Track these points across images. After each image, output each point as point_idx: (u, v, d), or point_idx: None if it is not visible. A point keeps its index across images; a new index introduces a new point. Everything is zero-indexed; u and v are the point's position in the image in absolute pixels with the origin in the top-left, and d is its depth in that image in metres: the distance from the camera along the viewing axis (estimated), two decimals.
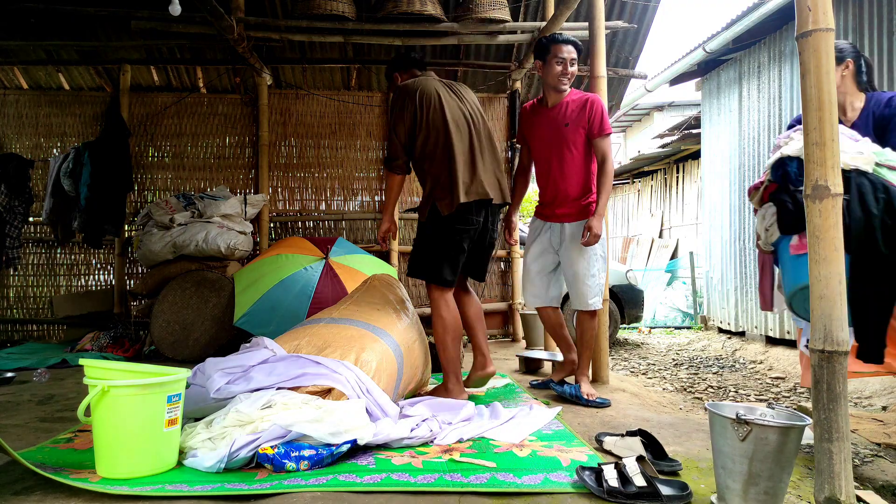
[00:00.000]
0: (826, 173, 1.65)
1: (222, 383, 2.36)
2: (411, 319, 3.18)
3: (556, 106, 3.27)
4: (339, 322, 2.85)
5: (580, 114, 3.20)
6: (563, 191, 3.27)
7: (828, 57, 1.67)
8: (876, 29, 4.65)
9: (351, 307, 3.07)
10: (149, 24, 4.67)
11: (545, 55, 3.24)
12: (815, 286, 1.67)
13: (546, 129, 3.29)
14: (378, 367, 2.57)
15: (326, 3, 4.51)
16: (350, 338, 2.67)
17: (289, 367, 2.40)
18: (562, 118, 3.24)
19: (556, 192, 3.30)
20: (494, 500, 1.88)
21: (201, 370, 2.48)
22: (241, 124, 5.76)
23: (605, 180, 3.16)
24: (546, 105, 3.33)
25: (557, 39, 3.21)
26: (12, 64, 5.56)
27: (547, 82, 3.28)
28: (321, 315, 3.07)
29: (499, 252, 5.76)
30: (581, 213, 3.27)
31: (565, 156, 3.24)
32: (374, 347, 2.66)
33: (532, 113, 3.41)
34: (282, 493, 1.88)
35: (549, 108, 3.31)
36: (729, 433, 1.77)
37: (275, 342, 2.67)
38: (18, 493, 1.90)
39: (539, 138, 3.34)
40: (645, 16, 5.52)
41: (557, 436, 2.50)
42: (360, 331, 2.76)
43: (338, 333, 2.71)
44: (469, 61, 5.81)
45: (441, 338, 3.06)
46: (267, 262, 4.69)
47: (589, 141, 3.22)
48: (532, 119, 3.39)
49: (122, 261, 5.58)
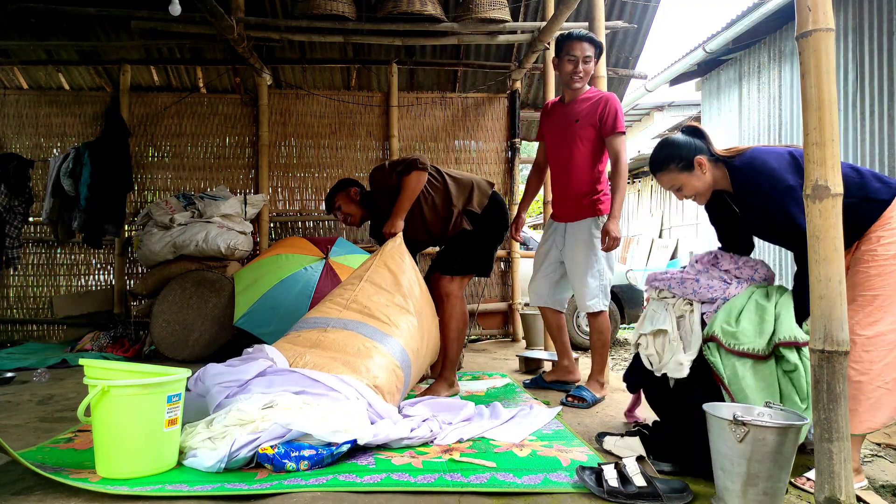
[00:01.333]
0: (826, 173, 1.65)
1: (221, 398, 2.33)
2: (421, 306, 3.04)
3: (570, 103, 3.27)
4: (346, 327, 2.78)
5: (592, 111, 3.16)
6: (569, 188, 3.26)
7: (828, 57, 1.67)
8: (876, 29, 4.65)
9: (360, 298, 2.92)
10: (149, 23, 4.67)
11: (559, 52, 3.24)
12: (815, 286, 1.67)
13: (558, 126, 3.30)
14: (384, 385, 2.56)
15: (326, 3, 4.51)
16: (357, 352, 2.64)
17: (286, 383, 2.38)
18: (573, 115, 3.22)
19: (563, 189, 3.30)
20: (494, 500, 1.88)
21: (201, 379, 2.46)
22: (241, 124, 5.75)
23: (620, 181, 3.11)
24: (563, 102, 3.33)
25: (571, 36, 3.19)
26: (12, 64, 5.56)
27: (561, 79, 3.29)
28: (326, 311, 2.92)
29: (499, 252, 5.76)
30: (583, 212, 3.23)
31: (573, 152, 3.22)
32: (381, 364, 2.63)
33: (550, 110, 3.41)
34: (282, 493, 1.89)
35: (564, 106, 3.31)
36: (726, 434, 1.77)
37: (276, 350, 2.62)
38: (18, 493, 1.90)
39: (552, 135, 3.34)
40: (645, 16, 5.52)
41: (557, 436, 2.50)
42: (366, 343, 2.70)
43: (344, 346, 2.66)
44: (469, 61, 5.81)
45: (457, 335, 3.20)
46: (267, 262, 4.69)
47: (600, 139, 3.18)
48: (549, 116, 3.40)
49: (122, 261, 5.58)
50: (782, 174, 2.07)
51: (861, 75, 4.76)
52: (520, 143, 5.92)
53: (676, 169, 2.27)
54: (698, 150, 2.26)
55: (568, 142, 3.23)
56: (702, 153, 2.25)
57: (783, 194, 2.05)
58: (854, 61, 4.83)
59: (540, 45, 4.73)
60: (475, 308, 5.70)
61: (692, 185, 2.28)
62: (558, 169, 3.32)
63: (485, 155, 5.92)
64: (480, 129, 5.91)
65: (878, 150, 4.58)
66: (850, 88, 4.86)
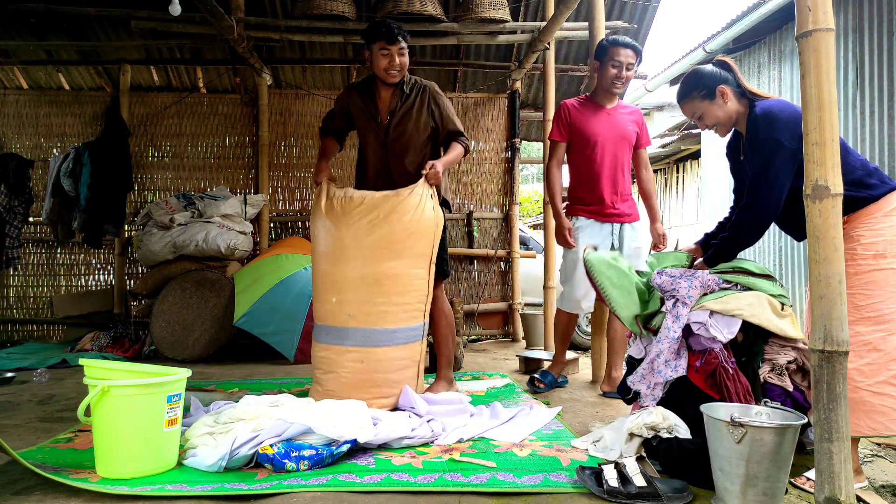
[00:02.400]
0: (826, 173, 1.65)
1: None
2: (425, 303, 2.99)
3: (613, 109, 3.38)
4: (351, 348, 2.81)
5: (632, 121, 3.40)
6: (620, 188, 3.38)
7: (828, 57, 1.67)
8: (876, 29, 4.64)
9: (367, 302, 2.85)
10: (149, 24, 4.67)
11: (603, 57, 3.28)
12: (815, 286, 1.67)
13: (605, 127, 3.33)
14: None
15: (326, 3, 4.51)
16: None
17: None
18: (622, 121, 3.37)
19: (613, 189, 3.36)
20: (494, 500, 1.88)
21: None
22: (241, 124, 5.75)
23: (653, 187, 3.54)
24: (601, 105, 3.37)
25: (617, 42, 3.26)
26: (12, 64, 5.56)
27: (601, 83, 3.33)
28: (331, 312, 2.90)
29: (499, 252, 5.76)
30: (637, 212, 3.45)
31: (626, 155, 3.40)
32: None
33: (582, 109, 3.38)
34: (282, 493, 1.89)
35: (606, 109, 3.37)
36: (724, 436, 1.77)
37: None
38: (18, 493, 1.90)
39: (601, 134, 3.33)
40: (645, 16, 5.52)
41: (557, 436, 2.50)
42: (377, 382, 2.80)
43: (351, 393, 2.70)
44: (469, 61, 5.81)
45: (450, 332, 3.21)
46: (267, 262, 4.69)
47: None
48: (584, 116, 3.36)
49: (122, 261, 5.58)
50: (782, 131, 2.11)
51: (861, 75, 4.76)
52: (520, 143, 5.91)
53: (699, 97, 2.32)
54: (722, 79, 2.30)
55: (622, 144, 3.36)
56: (726, 83, 2.29)
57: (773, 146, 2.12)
58: (854, 61, 4.83)
59: (540, 45, 4.73)
60: (475, 308, 5.70)
61: (713, 114, 2.32)
62: (610, 169, 3.35)
63: (485, 155, 5.92)
64: (480, 129, 5.91)
65: (878, 150, 4.58)
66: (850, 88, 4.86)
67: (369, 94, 3.14)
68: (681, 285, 2.30)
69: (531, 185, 18.31)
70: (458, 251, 5.75)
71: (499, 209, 5.91)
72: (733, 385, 2.14)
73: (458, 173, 5.85)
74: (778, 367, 2.26)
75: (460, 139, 3.14)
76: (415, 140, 3.09)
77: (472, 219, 5.81)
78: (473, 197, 5.89)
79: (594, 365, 3.66)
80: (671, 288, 2.33)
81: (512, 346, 5.47)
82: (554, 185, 3.47)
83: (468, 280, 5.84)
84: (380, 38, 2.98)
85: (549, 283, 4.64)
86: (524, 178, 19.83)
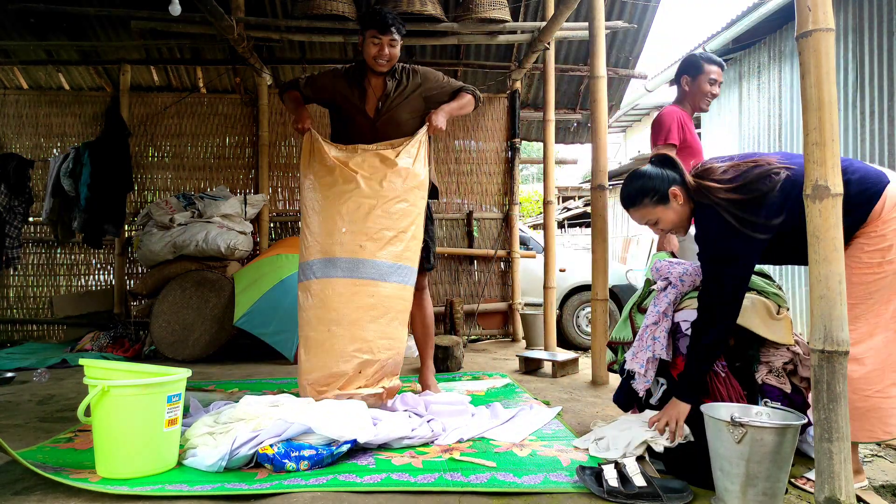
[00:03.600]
0: (826, 173, 1.65)
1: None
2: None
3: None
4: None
5: None
6: None
7: (828, 57, 1.67)
8: (876, 29, 4.65)
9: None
10: (149, 24, 4.67)
11: (697, 73, 3.25)
12: (816, 286, 1.67)
13: (695, 139, 3.35)
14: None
15: (326, 3, 4.51)
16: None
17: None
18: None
19: None
20: (494, 499, 1.88)
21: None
22: (241, 124, 5.75)
23: None
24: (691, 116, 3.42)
25: (714, 60, 3.25)
26: (12, 64, 5.56)
27: (693, 99, 3.29)
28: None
29: (499, 252, 5.76)
30: None
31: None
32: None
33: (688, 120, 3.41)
34: (282, 493, 1.89)
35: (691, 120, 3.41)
36: (725, 436, 1.77)
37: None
38: (18, 493, 1.90)
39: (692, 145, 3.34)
40: (645, 16, 5.52)
41: (557, 436, 2.50)
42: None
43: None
44: (469, 61, 5.81)
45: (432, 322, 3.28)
46: (267, 262, 4.69)
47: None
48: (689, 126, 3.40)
49: (122, 261, 5.58)
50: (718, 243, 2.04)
51: (861, 75, 4.76)
52: (519, 143, 5.91)
53: (651, 203, 2.15)
54: (672, 181, 2.14)
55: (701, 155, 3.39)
56: (676, 184, 2.13)
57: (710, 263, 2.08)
58: (854, 61, 4.83)
59: (540, 45, 4.73)
60: (475, 308, 5.70)
61: (668, 219, 2.17)
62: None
63: (485, 155, 5.92)
64: (480, 129, 5.91)
65: (878, 150, 4.58)
66: (850, 88, 4.86)
67: (358, 81, 3.11)
68: (675, 269, 2.40)
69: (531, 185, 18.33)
70: (458, 251, 5.75)
71: (499, 209, 5.91)
72: (725, 389, 2.14)
73: (458, 173, 5.86)
74: (776, 370, 2.26)
75: (465, 89, 3.14)
76: (405, 127, 3.08)
77: (472, 219, 5.81)
78: (473, 197, 5.89)
79: (594, 365, 3.66)
80: (667, 272, 2.42)
81: (512, 346, 5.47)
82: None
83: (468, 280, 5.84)
84: (372, 27, 2.98)
85: (549, 283, 4.64)
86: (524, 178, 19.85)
